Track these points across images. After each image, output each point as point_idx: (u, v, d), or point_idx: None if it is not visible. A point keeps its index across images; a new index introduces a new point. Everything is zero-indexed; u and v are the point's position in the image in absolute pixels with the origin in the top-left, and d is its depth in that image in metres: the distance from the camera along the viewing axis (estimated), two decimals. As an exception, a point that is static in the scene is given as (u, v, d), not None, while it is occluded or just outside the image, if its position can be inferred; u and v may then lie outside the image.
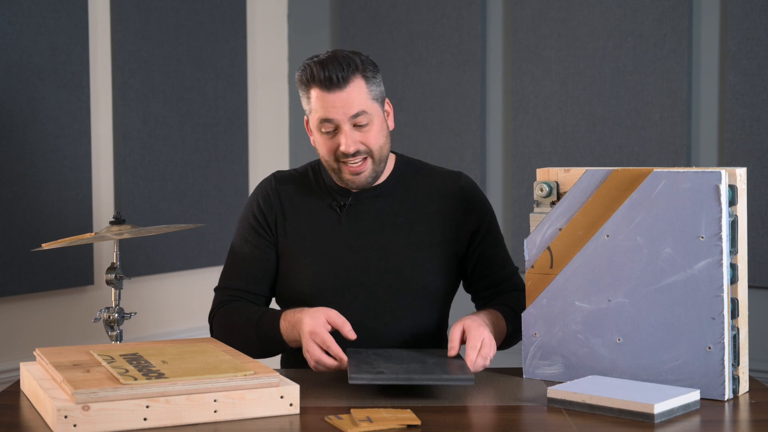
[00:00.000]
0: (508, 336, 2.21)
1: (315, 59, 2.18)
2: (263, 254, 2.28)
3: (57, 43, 3.04)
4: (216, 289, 2.32)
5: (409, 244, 2.23)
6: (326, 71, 2.13)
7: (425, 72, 3.65)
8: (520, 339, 2.20)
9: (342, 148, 2.15)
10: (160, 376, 1.76)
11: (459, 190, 2.29)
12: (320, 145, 2.20)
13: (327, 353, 2.01)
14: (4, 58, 2.91)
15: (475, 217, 2.28)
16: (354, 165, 2.17)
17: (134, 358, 1.89)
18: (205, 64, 3.51)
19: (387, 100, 2.25)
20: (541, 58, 3.42)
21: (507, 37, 3.52)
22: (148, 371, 1.79)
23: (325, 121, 2.16)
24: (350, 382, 1.84)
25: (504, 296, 2.29)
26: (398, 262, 2.22)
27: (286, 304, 2.31)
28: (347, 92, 2.14)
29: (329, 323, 2.05)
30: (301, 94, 2.22)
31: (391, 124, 2.26)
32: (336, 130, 2.16)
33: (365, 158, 2.18)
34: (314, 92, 2.16)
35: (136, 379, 1.74)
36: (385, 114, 2.24)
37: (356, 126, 2.16)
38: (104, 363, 1.86)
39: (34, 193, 3.00)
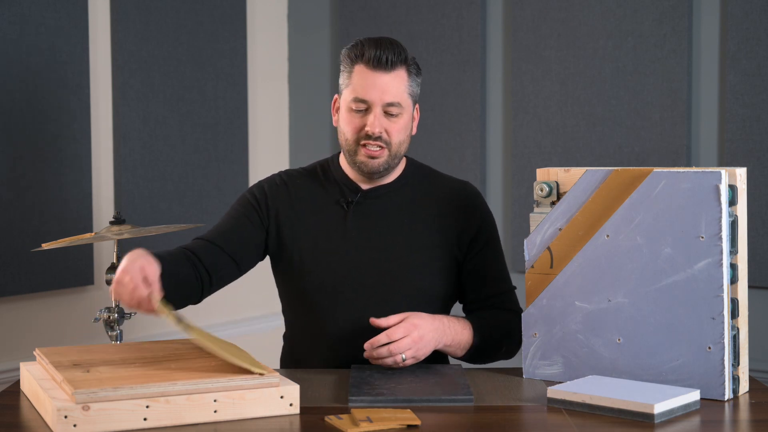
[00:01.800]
0: (475, 348, 2.18)
1: (369, 38, 2.19)
2: (247, 221, 2.26)
3: (57, 43, 3.04)
4: None
5: (410, 246, 2.23)
6: (378, 50, 2.15)
7: (425, 72, 3.65)
8: (500, 356, 2.23)
9: (368, 128, 2.16)
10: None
11: (463, 197, 2.29)
12: (345, 122, 2.20)
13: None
14: (4, 58, 2.91)
15: (476, 225, 2.28)
16: (372, 149, 2.18)
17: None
18: (205, 64, 3.51)
19: (417, 106, 2.27)
20: (541, 58, 3.42)
21: (507, 37, 3.52)
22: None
23: (359, 100, 2.17)
24: (350, 404, 1.84)
25: (489, 311, 2.27)
26: (398, 264, 2.22)
27: (288, 296, 2.31)
28: (390, 77, 2.16)
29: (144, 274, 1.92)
30: (342, 69, 2.22)
31: (414, 130, 2.27)
32: (367, 111, 2.17)
33: (383, 147, 2.18)
34: (358, 68, 2.17)
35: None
36: (413, 117, 2.25)
37: (386, 114, 2.17)
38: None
39: (34, 193, 3.00)
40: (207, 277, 2.20)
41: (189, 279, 2.17)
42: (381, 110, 2.16)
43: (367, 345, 2.04)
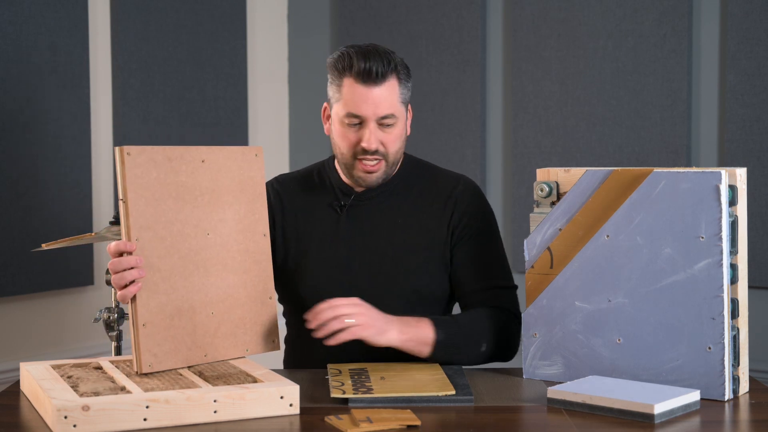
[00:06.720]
0: (441, 344, 2.05)
1: (356, 48, 2.12)
2: None
3: (57, 43, 3.05)
4: None
5: (403, 247, 2.21)
6: (367, 63, 2.09)
7: (425, 72, 3.65)
8: (484, 356, 2.11)
9: (363, 144, 2.12)
10: (368, 390, 1.86)
11: (454, 192, 2.24)
12: (340, 137, 2.16)
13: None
14: (4, 58, 2.91)
15: (464, 216, 2.22)
16: (369, 164, 2.15)
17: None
18: (205, 64, 3.51)
19: (410, 106, 2.22)
20: (541, 58, 3.42)
21: (507, 37, 3.52)
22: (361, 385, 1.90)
23: (352, 115, 2.12)
24: (350, 405, 1.84)
25: (471, 308, 2.17)
26: (391, 266, 2.20)
27: (287, 302, 2.30)
28: (382, 90, 2.10)
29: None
30: (330, 80, 2.17)
31: (408, 130, 2.23)
32: (361, 125, 2.13)
33: (380, 160, 2.15)
34: (348, 82, 2.11)
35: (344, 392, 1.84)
36: (406, 120, 2.22)
37: (381, 126, 2.13)
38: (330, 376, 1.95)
39: (34, 193, 3.00)
40: None
41: None
42: (375, 124, 2.12)
43: (310, 315, 1.97)
